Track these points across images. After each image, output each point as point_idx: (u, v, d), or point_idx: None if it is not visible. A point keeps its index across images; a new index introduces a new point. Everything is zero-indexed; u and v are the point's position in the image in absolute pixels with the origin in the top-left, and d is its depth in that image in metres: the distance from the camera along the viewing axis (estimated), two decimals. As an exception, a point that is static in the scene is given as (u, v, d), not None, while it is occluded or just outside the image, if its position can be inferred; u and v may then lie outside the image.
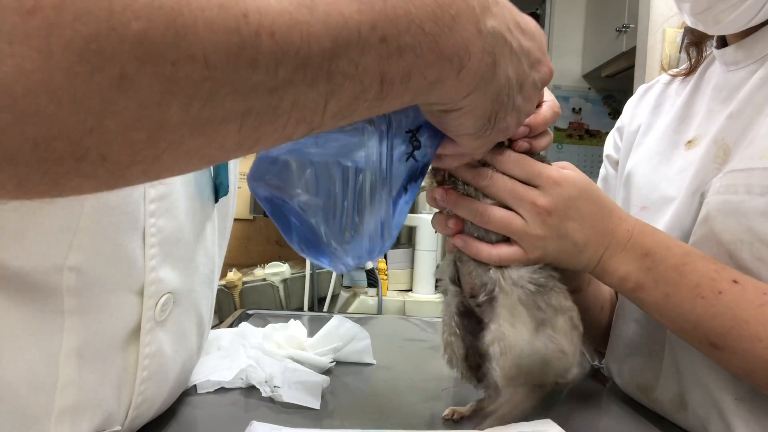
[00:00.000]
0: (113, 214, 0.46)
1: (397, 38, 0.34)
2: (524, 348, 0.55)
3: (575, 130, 4.05)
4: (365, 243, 0.49)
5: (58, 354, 0.45)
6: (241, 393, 0.69)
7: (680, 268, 0.59)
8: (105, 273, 0.47)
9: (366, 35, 0.33)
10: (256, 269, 2.02)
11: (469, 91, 0.41)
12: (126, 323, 0.50)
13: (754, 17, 0.64)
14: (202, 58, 0.27)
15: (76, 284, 0.45)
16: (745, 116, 0.64)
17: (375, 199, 0.48)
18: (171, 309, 0.54)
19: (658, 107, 0.82)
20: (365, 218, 0.48)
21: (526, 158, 0.57)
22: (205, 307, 0.63)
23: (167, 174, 0.31)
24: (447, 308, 0.63)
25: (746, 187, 0.60)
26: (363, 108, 0.35)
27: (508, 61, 0.43)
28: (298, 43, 0.30)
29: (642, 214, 0.74)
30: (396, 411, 0.67)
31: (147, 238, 0.49)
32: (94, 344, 0.47)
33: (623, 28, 3.19)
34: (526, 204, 0.57)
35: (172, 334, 0.55)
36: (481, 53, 0.40)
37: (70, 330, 0.45)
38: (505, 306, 0.57)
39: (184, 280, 0.55)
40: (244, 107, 0.30)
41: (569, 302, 0.59)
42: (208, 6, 0.27)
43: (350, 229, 0.47)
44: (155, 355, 0.53)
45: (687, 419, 0.66)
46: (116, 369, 0.50)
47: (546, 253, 0.58)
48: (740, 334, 0.56)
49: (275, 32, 0.29)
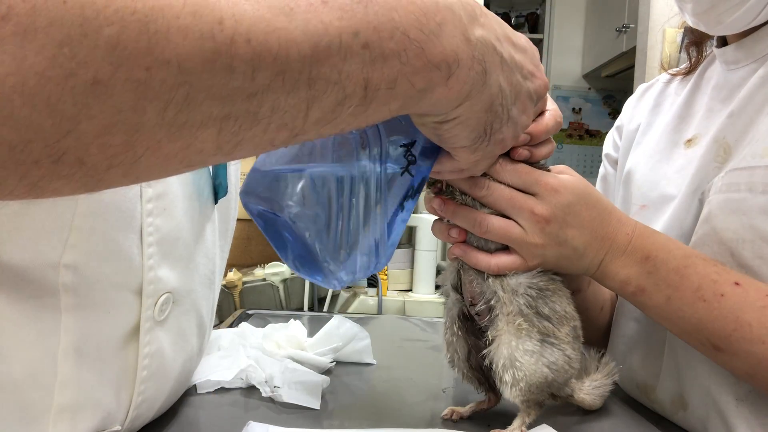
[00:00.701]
0: (108, 212, 0.46)
1: (381, 45, 0.34)
2: (535, 370, 0.56)
3: (575, 130, 4.05)
4: (360, 260, 0.48)
5: (57, 352, 0.45)
6: (241, 393, 0.69)
7: (681, 271, 0.59)
8: (102, 271, 0.47)
9: (348, 42, 0.33)
10: (256, 269, 2.02)
11: (460, 100, 0.41)
12: (125, 322, 0.50)
13: (755, 17, 0.64)
14: (176, 64, 0.27)
15: (73, 282, 0.45)
16: (745, 115, 0.64)
17: (370, 215, 0.47)
18: (170, 309, 0.53)
19: (658, 106, 0.82)
20: (360, 235, 0.47)
21: (523, 166, 0.57)
22: (206, 308, 0.63)
23: (147, 177, 0.32)
24: (448, 313, 0.64)
25: (748, 185, 0.60)
26: (347, 114, 0.35)
27: (499, 71, 0.43)
28: (276, 50, 0.30)
29: (641, 212, 0.75)
30: (396, 411, 0.67)
31: (144, 237, 0.49)
32: (92, 342, 0.47)
33: (623, 28, 3.19)
34: (525, 213, 0.57)
35: (172, 335, 0.55)
36: (470, 61, 0.40)
37: (67, 328, 0.45)
38: (507, 321, 0.57)
39: (183, 280, 0.55)
40: (222, 112, 0.30)
41: (572, 309, 0.60)
42: (182, 13, 0.27)
43: (345, 247, 0.47)
44: (155, 354, 0.52)
45: (687, 419, 0.66)
46: (116, 368, 0.49)
47: (545, 260, 0.58)
48: (742, 336, 0.56)
49: (251, 39, 0.29)
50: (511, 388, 0.56)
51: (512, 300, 0.57)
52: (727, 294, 0.57)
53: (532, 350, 0.56)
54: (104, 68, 0.26)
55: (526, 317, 0.57)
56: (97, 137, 0.27)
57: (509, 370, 0.56)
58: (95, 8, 0.25)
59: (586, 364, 0.66)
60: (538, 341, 0.57)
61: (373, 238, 0.48)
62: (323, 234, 0.46)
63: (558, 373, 0.57)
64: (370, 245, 0.48)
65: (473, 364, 0.63)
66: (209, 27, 0.28)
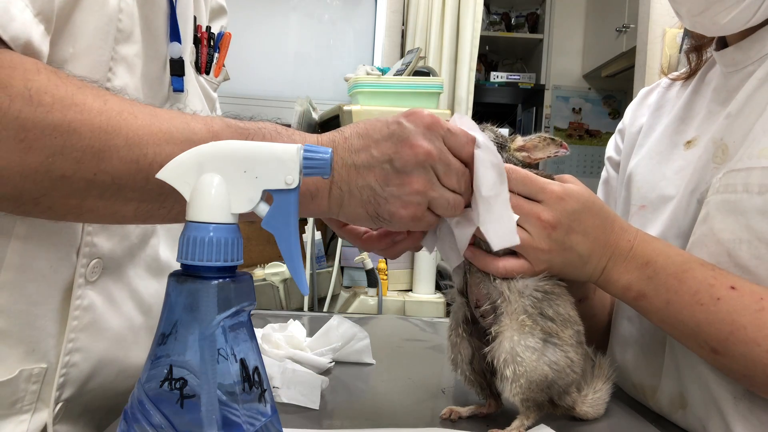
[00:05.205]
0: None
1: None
2: (536, 367, 0.56)
3: (575, 130, 4.05)
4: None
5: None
6: (241, 393, 0.68)
7: (680, 276, 0.60)
8: (51, 227, 0.57)
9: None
10: (256, 269, 2.02)
11: (335, 208, 0.55)
12: (63, 277, 0.59)
13: (752, 17, 0.64)
14: (112, 174, 0.49)
15: (26, 234, 0.56)
16: (743, 116, 0.65)
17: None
18: (101, 273, 0.62)
19: (659, 109, 0.83)
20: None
21: (529, 174, 0.59)
22: (148, 293, 0.69)
23: (89, 222, 0.59)
24: (453, 316, 0.64)
25: (745, 186, 0.60)
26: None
27: (361, 178, 0.54)
28: None
29: (640, 212, 0.75)
30: (395, 411, 0.67)
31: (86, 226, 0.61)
32: (31, 280, 0.56)
33: (623, 28, 3.19)
34: (532, 219, 0.58)
35: (104, 298, 0.63)
36: (327, 189, 0.54)
37: (11, 257, 0.55)
38: (511, 319, 0.58)
39: (116, 252, 0.64)
40: (138, 201, 0.51)
41: (576, 314, 0.60)
42: (123, 146, 0.48)
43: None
44: (87, 309, 0.61)
45: (686, 418, 0.66)
46: (50, 313, 0.58)
47: (551, 265, 0.59)
48: (738, 339, 0.56)
49: (163, 163, 0.42)
50: (512, 384, 0.57)
51: (518, 300, 0.58)
52: (723, 298, 0.57)
53: (534, 347, 0.57)
54: (69, 169, 0.47)
55: (530, 315, 0.57)
56: (60, 199, 0.49)
57: (510, 365, 0.57)
58: (74, 136, 0.47)
59: (584, 365, 0.66)
60: (540, 339, 0.57)
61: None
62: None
63: (559, 375, 0.57)
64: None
65: (476, 368, 0.63)
66: (137, 156, 0.49)
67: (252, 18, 2.83)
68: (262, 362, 0.40)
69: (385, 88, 1.95)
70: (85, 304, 0.61)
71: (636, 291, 0.61)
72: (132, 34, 0.61)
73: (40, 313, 0.57)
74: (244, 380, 0.38)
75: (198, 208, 0.38)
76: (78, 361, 0.60)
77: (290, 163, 0.40)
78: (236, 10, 2.76)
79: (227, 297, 0.37)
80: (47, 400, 0.59)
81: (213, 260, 0.37)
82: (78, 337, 0.60)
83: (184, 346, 0.36)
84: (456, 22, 2.75)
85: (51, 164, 0.47)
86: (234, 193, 0.39)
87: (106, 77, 0.58)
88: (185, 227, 0.38)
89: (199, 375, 0.36)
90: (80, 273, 0.60)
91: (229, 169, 0.39)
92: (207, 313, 0.37)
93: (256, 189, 0.40)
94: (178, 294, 0.37)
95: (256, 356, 0.39)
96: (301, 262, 0.42)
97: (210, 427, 0.36)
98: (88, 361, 0.62)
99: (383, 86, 1.95)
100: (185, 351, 0.36)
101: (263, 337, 0.80)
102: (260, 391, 0.39)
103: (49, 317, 0.58)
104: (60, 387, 0.59)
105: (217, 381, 0.37)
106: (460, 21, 2.75)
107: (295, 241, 0.42)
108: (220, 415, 0.36)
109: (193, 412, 0.36)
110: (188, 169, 0.39)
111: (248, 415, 0.38)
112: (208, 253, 0.37)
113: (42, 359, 0.58)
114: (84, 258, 0.60)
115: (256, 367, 0.39)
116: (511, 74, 4.11)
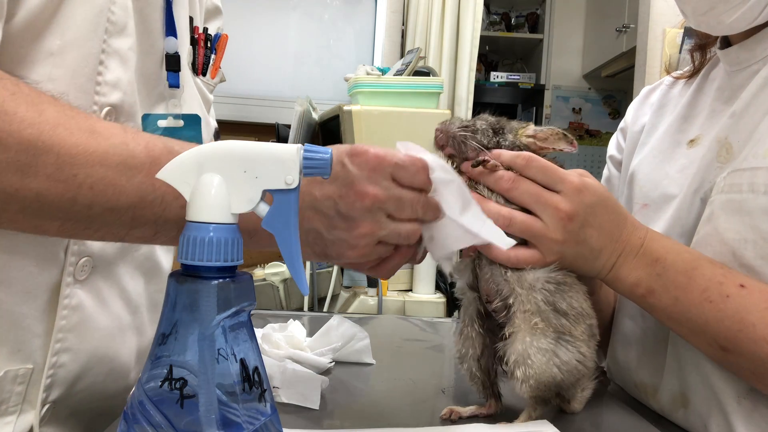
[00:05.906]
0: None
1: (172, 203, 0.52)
2: (545, 370, 0.57)
3: (575, 130, 4.04)
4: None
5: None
6: (241, 393, 0.68)
7: (689, 273, 0.60)
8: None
9: (169, 200, 0.51)
10: (256, 269, 2.02)
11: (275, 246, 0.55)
12: (50, 275, 0.58)
13: (757, 17, 0.64)
14: (35, 192, 0.46)
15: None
16: (748, 115, 0.65)
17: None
18: (90, 273, 0.61)
19: (662, 108, 0.82)
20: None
21: (549, 164, 0.59)
22: (137, 292, 0.68)
23: (12, 230, 0.52)
24: (465, 311, 0.64)
25: (750, 185, 0.60)
26: (164, 239, 0.53)
27: (307, 222, 0.54)
28: (110, 195, 0.49)
29: (642, 211, 0.75)
30: (395, 411, 0.67)
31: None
32: (16, 278, 0.55)
33: (623, 28, 3.19)
34: (549, 209, 0.58)
35: (93, 298, 0.62)
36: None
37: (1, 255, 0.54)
38: (522, 317, 0.58)
39: (106, 252, 0.63)
40: (63, 220, 0.49)
41: (588, 305, 0.60)
42: (53, 165, 0.46)
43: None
44: (76, 308, 0.60)
45: (687, 417, 0.66)
46: (37, 313, 0.57)
47: (563, 257, 0.59)
48: (747, 336, 0.56)
49: (93, 187, 0.48)
50: (521, 384, 0.57)
51: (529, 297, 0.58)
52: (732, 295, 0.57)
53: (546, 348, 0.57)
54: (15, 183, 0.46)
55: (542, 315, 0.57)
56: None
57: (521, 367, 0.57)
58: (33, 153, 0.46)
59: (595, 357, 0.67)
60: (552, 339, 0.57)
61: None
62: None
63: (568, 374, 0.58)
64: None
65: (482, 365, 0.63)
66: (66, 177, 0.47)
67: (252, 18, 2.83)
68: (262, 362, 0.40)
69: (385, 88, 1.95)
70: (73, 304, 0.59)
71: (645, 288, 0.61)
72: (126, 27, 0.59)
73: (26, 313, 0.56)
74: (244, 380, 0.38)
75: (198, 208, 0.38)
76: (66, 361, 0.59)
77: (290, 163, 0.40)
78: (236, 9, 2.76)
79: (227, 297, 0.37)
80: (33, 402, 0.58)
81: (213, 260, 0.37)
82: (66, 337, 0.59)
83: (184, 346, 0.36)
84: (456, 22, 2.75)
85: (11, 186, 0.45)
86: (234, 193, 0.39)
87: (97, 70, 0.57)
88: (185, 227, 0.38)
89: (199, 375, 0.36)
90: (68, 272, 0.59)
91: (229, 169, 0.39)
92: (207, 313, 0.37)
93: (256, 189, 0.40)
94: (178, 294, 0.37)
95: (256, 356, 0.39)
96: (301, 262, 0.42)
97: (210, 427, 0.36)
98: (77, 361, 0.61)
99: (383, 86, 1.95)
100: (185, 351, 0.36)
101: (263, 337, 0.79)
102: (260, 391, 0.39)
103: (36, 317, 0.57)
104: (47, 388, 0.58)
105: (217, 381, 0.37)
106: (460, 21, 2.75)
107: (295, 241, 0.42)
108: (219, 415, 0.36)
109: (193, 412, 0.36)
110: (188, 169, 0.39)
111: (248, 414, 0.38)
112: (208, 253, 0.37)
113: (28, 359, 0.57)
114: (72, 256, 0.59)
115: (256, 367, 0.39)
116: (511, 74, 4.11)
